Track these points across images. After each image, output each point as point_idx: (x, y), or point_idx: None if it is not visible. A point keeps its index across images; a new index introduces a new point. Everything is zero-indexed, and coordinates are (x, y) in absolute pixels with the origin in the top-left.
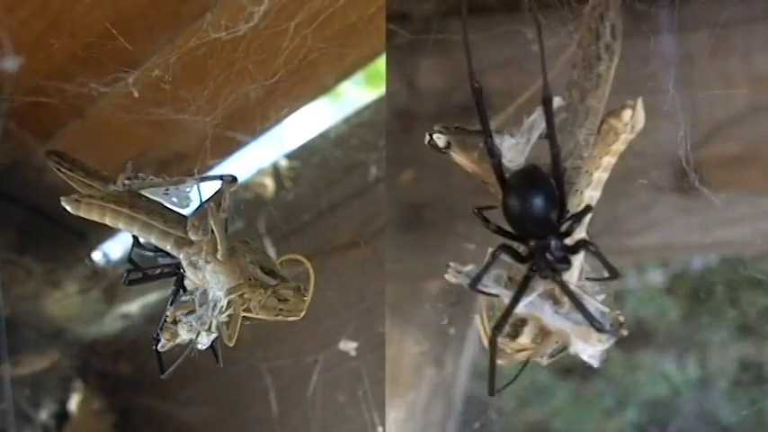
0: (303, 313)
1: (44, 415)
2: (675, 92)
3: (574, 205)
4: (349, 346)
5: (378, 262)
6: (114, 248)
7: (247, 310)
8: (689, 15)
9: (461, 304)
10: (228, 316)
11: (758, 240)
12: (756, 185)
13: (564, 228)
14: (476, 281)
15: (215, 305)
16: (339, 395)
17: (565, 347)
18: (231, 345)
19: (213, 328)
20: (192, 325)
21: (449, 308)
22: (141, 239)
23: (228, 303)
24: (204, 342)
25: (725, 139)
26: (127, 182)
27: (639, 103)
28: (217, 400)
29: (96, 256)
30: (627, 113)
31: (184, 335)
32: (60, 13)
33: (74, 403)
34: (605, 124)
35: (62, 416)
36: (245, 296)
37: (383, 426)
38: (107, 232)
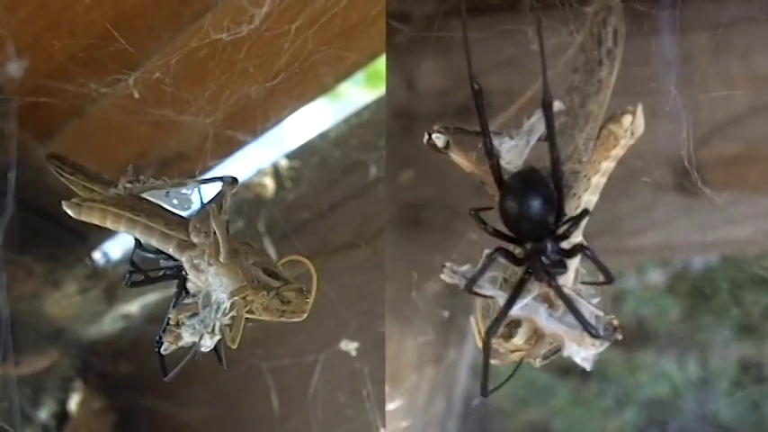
0: (306, 314)
1: (44, 415)
2: (677, 92)
3: (571, 209)
4: (349, 346)
5: (378, 262)
6: (114, 248)
7: (250, 311)
8: (689, 16)
9: (461, 303)
10: (231, 318)
11: (760, 239)
12: (757, 185)
13: (561, 231)
14: (471, 282)
15: (218, 307)
16: (340, 395)
17: (558, 349)
18: (234, 347)
19: (216, 331)
20: (195, 327)
21: (449, 307)
22: (143, 241)
23: (231, 305)
24: (208, 344)
25: (725, 139)
26: (128, 185)
27: (639, 109)
28: (217, 400)
29: (96, 256)
30: (627, 119)
31: (188, 337)
32: (60, 14)
33: (74, 403)
34: (605, 129)
35: (62, 416)
36: (248, 298)
37: (384, 425)
38: (107, 232)
